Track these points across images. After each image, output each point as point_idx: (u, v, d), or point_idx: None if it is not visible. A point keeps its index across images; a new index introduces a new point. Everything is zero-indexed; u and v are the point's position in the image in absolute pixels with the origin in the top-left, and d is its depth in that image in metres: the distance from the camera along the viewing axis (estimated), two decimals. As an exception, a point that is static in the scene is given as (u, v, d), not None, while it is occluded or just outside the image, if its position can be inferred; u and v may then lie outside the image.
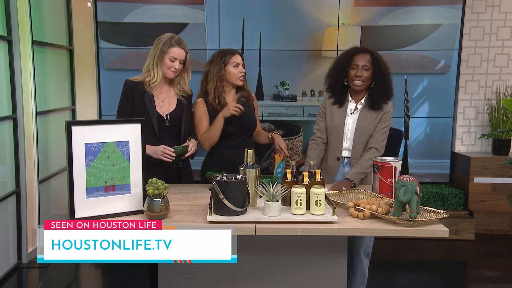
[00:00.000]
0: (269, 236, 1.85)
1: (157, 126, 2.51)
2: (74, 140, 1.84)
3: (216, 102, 2.61)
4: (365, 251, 2.58)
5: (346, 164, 2.61)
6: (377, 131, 2.55)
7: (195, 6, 4.11)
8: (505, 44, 4.32)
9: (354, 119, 2.57)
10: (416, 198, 1.84)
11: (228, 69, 2.62)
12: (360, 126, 2.55)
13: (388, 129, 2.59)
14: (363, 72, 2.50)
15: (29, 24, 3.41)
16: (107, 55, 4.15)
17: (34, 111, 3.48)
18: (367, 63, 2.50)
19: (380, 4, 4.15)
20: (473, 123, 4.43)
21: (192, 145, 2.53)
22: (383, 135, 2.56)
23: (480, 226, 4.13)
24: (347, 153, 2.60)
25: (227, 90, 2.67)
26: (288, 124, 4.28)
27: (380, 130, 2.55)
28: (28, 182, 3.48)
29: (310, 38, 4.18)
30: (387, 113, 2.56)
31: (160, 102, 2.55)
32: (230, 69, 2.62)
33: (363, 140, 2.55)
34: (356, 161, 2.56)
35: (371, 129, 2.55)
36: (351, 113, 2.59)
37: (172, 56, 2.49)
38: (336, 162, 2.61)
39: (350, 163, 2.59)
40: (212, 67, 2.64)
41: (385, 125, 2.56)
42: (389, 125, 2.59)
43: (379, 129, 2.55)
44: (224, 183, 1.86)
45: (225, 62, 2.62)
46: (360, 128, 2.55)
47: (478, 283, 3.42)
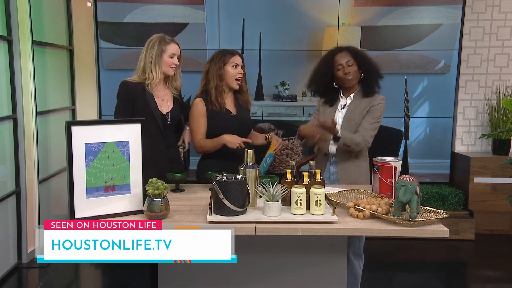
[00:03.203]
0: (269, 236, 1.85)
1: (161, 124, 2.54)
2: (74, 140, 1.84)
3: (217, 101, 2.61)
4: (355, 252, 2.58)
5: (333, 163, 2.62)
6: (365, 121, 2.54)
7: (195, 6, 4.11)
8: (505, 44, 4.32)
9: (343, 113, 2.60)
10: (416, 198, 1.83)
11: (226, 69, 2.61)
12: (347, 118, 2.57)
13: (377, 124, 2.57)
14: (349, 68, 2.55)
15: (29, 24, 3.41)
16: (107, 55, 4.15)
17: (34, 111, 3.48)
18: (349, 58, 2.55)
19: (380, 4, 4.15)
20: (473, 123, 4.44)
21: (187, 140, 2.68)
22: (370, 125, 2.54)
23: (480, 226, 4.13)
24: (334, 149, 2.61)
25: (226, 92, 2.66)
26: (288, 124, 4.28)
27: (368, 120, 2.54)
28: (28, 182, 3.48)
29: (310, 38, 4.18)
30: (375, 105, 2.55)
31: (160, 101, 2.58)
32: (228, 69, 2.61)
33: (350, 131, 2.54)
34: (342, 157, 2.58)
35: (358, 120, 2.54)
36: (342, 108, 2.62)
37: (171, 53, 2.54)
38: (324, 157, 2.65)
39: (336, 162, 2.60)
40: (212, 65, 2.64)
41: (373, 116, 2.54)
42: (378, 119, 2.57)
43: (367, 119, 2.54)
44: (224, 183, 1.86)
45: (224, 61, 2.61)
46: (347, 120, 2.56)
47: (478, 283, 3.42)
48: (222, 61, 2.61)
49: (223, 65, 2.61)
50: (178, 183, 2.36)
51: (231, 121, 2.63)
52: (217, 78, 2.61)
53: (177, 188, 2.37)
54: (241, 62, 2.64)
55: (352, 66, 2.55)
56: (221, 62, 2.61)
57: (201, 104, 2.62)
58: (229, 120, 2.63)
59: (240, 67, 2.62)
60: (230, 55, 2.62)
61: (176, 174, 2.34)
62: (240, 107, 2.70)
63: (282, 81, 4.21)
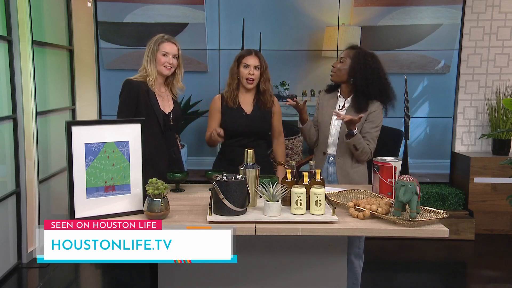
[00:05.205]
0: (269, 236, 1.85)
1: (163, 124, 2.56)
2: (74, 140, 1.84)
3: (230, 98, 2.71)
4: (355, 252, 2.58)
5: (331, 163, 2.62)
6: (365, 131, 2.53)
7: (195, 6, 4.11)
8: (505, 44, 4.32)
9: None
10: (416, 198, 1.83)
11: (240, 68, 2.70)
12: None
13: (377, 131, 2.56)
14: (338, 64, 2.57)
15: (29, 24, 3.41)
16: (107, 55, 4.15)
17: (34, 111, 3.48)
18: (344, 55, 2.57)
19: (380, 4, 4.15)
20: (473, 123, 4.43)
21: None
22: (372, 136, 2.54)
23: (480, 226, 4.13)
24: (333, 150, 2.60)
25: (243, 90, 2.75)
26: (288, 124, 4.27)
27: (368, 131, 2.53)
28: (28, 182, 3.48)
29: (310, 38, 4.18)
30: (373, 112, 2.53)
31: (162, 101, 2.58)
32: (241, 69, 2.70)
33: None
34: (341, 159, 2.57)
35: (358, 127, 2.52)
36: (340, 109, 2.61)
37: (163, 51, 2.55)
38: (322, 156, 2.65)
39: (335, 163, 2.60)
40: (232, 63, 2.76)
41: (373, 125, 2.54)
42: (378, 126, 2.56)
43: (367, 129, 2.53)
44: (224, 183, 1.86)
45: (239, 61, 2.71)
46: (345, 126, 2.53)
47: (478, 283, 3.42)
48: (237, 60, 2.73)
49: (237, 64, 2.71)
50: (178, 183, 2.36)
51: (242, 119, 2.71)
52: (231, 76, 2.74)
53: (177, 188, 2.37)
54: (254, 63, 2.67)
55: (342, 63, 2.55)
56: (237, 61, 2.73)
57: (218, 100, 2.76)
58: (240, 118, 2.70)
59: (252, 68, 2.67)
60: (244, 55, 2.71)
61: (176, 174, 2.35)
62: (257, 108, 2.74)
63: (282, 81, 4.21)
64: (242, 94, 2.75)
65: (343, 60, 2.55)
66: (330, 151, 2.62)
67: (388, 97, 2.56)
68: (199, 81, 4.10)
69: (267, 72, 2.72)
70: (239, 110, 2.71)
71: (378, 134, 2.57)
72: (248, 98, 2.75)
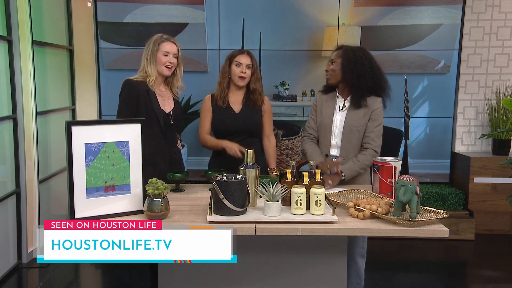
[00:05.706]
0: (269, 236, 1.85)
1: (163, 123, 2.56)
2: (74, 140, 1.84)
3: (220, 97, 2.73)
4: (359, 252, 2.58)
5: None
6: (369, 130, 2.53)
7: (195, 6, 4.11)
8: (505, 44, 4.32)
9: (343, 116, 2.57)
10: (416, 198, 1.83)
11: (232, 67, 2.72)
12: (349, 124, 2.54)
13: (381, 128, 2.56)
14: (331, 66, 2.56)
15: (29, 24, 3.41)
16: (107, 55, 4.15)
17: (34, 111, 3.48)
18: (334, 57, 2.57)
19: (380, 4, 4.15)
20: (473, 123, 4.43)
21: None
22: (377, 133, 2.54)
23: (480, 226, 4.13)
24: (336, 151, 2.59)
25: (233, 89, 2.76)
26: (288, 124, 4.28)
27: (373, 130, 2.53)
28: (28, 182, 3.48)
29: (310, 38, 4.18)
30: (375, 110, 2.53)
31: (162, 100, 2.59)
32: (233, 67, 2.72)
33: (352, 138, 2.53)
34: (345, 160, 2.55)
35: (361, 127, 2.52)
36: (340, 110, 2.59)
37: (164, 51, 2.55)
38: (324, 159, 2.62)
39: None
40: (224, 62, 2.78)
41: (377, 123, 2.54)
42: (381, 123, 2.56)
43: (371, 128, 2.53)
44: (224, 183, 1.86)
45: (230, 60, 2.73)
46: (348, 126, 2.53)
47: (478, 283, 3.42)
48: (229, 59, 2.75)
49: (230, 63, 2.73)
50: (178, 183, 2.36)
51: (231, 118, 2.72)
52: (221, 75, 2.77)
53: (177, 188, 2.37)
54: (246, 62, 2.71)
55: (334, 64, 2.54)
56: (228, 60, 2.75)
57: (208, 101, 2.79)
58: (229, 117, 2.72)
59: (244, 66, 2.70)
60: (236, 54, 2.73)
61: (176, 174, 2.35)
62: (247, 107, 2.75)
63: (282, 81, 4.21)
64: (232, 93, 2.77)
65: (334, 60, 2.55)
66: (333, 153, 2.59)
67: (382, 87, 2.56)
68: (199, 81, 4.09)
69: (257, 72, 2.77)
70: (228, 109, 2.74)
71: (382, 130, 2.57)
72: (238, 97, 2.77)
